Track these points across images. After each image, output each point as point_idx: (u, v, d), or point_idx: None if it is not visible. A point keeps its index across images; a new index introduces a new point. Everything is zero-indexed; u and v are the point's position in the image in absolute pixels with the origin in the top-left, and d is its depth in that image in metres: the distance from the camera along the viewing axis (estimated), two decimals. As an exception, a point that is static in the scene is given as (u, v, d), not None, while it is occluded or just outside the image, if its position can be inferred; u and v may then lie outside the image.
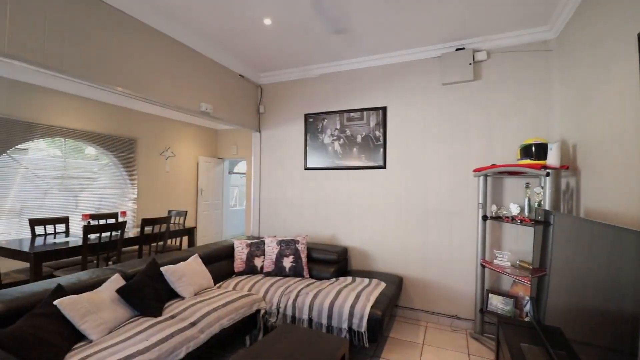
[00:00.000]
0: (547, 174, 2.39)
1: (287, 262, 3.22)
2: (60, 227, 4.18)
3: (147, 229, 3.63)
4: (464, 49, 3.14)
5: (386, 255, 3.50)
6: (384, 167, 3.51)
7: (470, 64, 3.11)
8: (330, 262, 3.35)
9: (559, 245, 1.82)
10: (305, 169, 3.91)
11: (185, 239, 5.41)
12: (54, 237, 3.53)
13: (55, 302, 1.72)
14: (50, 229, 4.05)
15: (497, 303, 2.95)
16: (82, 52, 2.15)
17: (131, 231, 4.07)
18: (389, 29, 2.91)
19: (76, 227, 4.61)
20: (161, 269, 2.40)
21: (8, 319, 1.63)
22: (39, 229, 4.13)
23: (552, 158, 2.43)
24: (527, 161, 2.69)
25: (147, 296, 2.14)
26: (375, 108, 3.56)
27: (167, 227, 3.85)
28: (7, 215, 4.05)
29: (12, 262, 3.30)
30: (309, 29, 2.91)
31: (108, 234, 3.16)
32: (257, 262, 3.33)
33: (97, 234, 3.12)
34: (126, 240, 3.52)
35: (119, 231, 3.30)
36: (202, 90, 3.23)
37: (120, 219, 3.98)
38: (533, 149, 2.65)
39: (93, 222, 4.16)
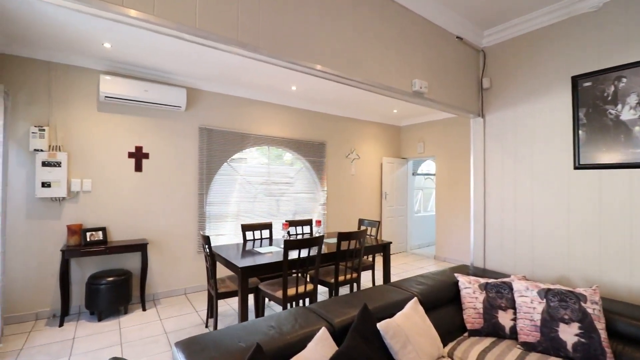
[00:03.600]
0: None
1: (567, 333, 1.84)
2: (265, 233, 4.33)
3: (332, 241, 3.09)
4: None
5: None
6: None
7: None
8: (670, 349, 1.71)
9: None
10: (575, 167, 2.36)
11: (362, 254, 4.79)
12: (260, 244, 3.52)
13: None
14: (257, 234, 4.29)
15: None
16: (277, 25, 1.63)
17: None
18: None
19: (278, 233, 4.76)
20: (378, 326, 1.62)
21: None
22: (249, 234, 4.46)
23: None
24: None
25: (364, 376, 1.37)
26: None
27: (362, 244, 3.21)
28: (230, 218, 4.53)
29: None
30: None
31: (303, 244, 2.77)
32: (503, 318, 2.11)
33: (297, 250, 2.77)
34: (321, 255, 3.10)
35: (317, 247, 2.86)
36: (413, 63, 2.33)
37: (315, 229, 3.68)
38: None
39: (291, 229, 4.11)
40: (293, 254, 2.98)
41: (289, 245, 2.64)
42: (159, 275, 3.91)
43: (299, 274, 2.76)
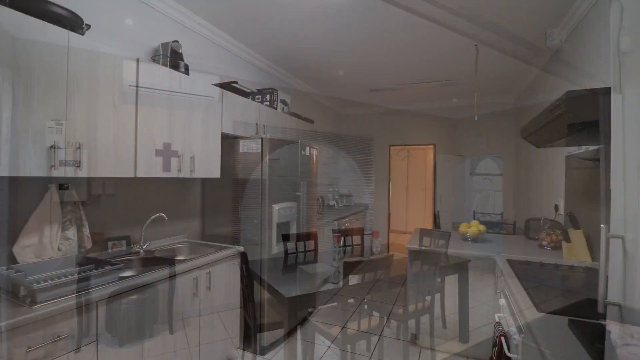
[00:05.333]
0: None
1: None
2: (309, 244, 3.68)
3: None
4: None
5: None
6: None
7: None
8: None
9: None
10: None
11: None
12: (304, 258, 2.91)
13: None
14: (299, 244, 3.69)
15: None
16: None
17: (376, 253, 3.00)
18: None
19: (323, 244, 4.12)
20: None
21: None
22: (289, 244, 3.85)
23: None
24: None
25: None
26: None
27: (438, 264, 2.49)
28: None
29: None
30: None
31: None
32: None
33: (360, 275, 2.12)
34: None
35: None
36: (544, 10, 1.58)
37: (373, 241, 3.01)
38: None
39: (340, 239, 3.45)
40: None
41: (350, 268, 1.99)
42: (189, 291, 3.42)
43: (360, 304, 2.11)
